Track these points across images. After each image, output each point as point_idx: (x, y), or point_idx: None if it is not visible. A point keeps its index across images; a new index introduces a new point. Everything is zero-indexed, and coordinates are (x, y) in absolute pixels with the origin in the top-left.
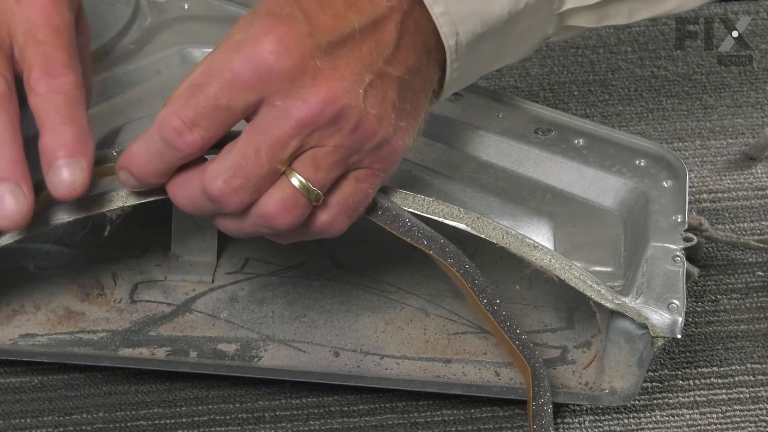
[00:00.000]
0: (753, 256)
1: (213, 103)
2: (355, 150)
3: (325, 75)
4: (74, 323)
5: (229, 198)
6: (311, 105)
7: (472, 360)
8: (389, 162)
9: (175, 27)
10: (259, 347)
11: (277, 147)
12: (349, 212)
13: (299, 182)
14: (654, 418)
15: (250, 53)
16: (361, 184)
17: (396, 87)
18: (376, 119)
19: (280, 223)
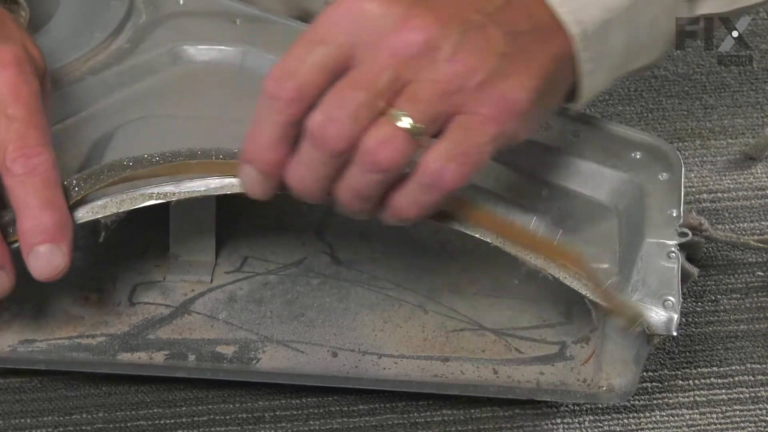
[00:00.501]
0: (753, 256)
1: (307, 49)
2: (454, 87)
3: (417, 11)
4: (73, 327)
5: (329, 130)
6: (401, 33)
7: (470, 358)
8: (499, 110)
9: (170, 24)
10: (257, 349)
11: (371, 76)
12: (459, 160)
13: (397, 116)
14: (654, 418)
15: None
16: (469, 131)
17: (501, 38)
18: (475, 55)
19: (382, 157)
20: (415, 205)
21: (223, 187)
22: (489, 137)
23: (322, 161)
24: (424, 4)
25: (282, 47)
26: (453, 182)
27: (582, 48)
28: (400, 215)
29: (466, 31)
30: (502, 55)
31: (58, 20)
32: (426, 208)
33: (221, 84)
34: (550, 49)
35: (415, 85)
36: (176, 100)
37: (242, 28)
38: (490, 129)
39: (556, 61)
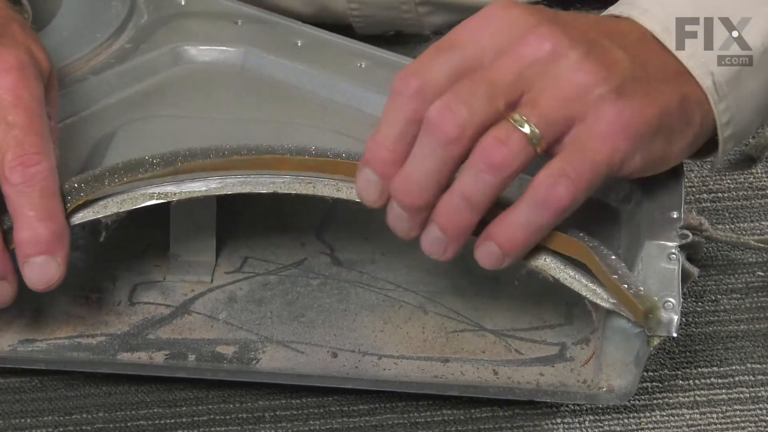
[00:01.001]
0: (753, 256)
1: (436, 53)
2: (575, 95)
3: (548, 23)
4: (73, 327)
5: (445, 116)
6: (529, 39)
7: (470, 359)
8: (615, 128)
9: (171, 24)
10: (257, 349)
11: (493, 74)
12: (572, 176)
13: (517, 120)
14: (654, 418)
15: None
16: (583, 148)
17: (629, 61)
18: (601, 68)
19: (498, 155)
20: (525, 229)
21: (224, 187)
22: (603, 156)
23: (434, 151)
24: (555, 20)
25: (283, 48)
26: (565, 200)
27: (716, 101)
28: (507, 241)
29: (593, 48)
30: (628, 75)
31: (59, 20)
32: (536, 231)
33: (222, 84)
34: (679, 88)
35: (537, 90)
36: (177, 100)
37: (243, 28)
38: (605, 147)
39: (684, 100)
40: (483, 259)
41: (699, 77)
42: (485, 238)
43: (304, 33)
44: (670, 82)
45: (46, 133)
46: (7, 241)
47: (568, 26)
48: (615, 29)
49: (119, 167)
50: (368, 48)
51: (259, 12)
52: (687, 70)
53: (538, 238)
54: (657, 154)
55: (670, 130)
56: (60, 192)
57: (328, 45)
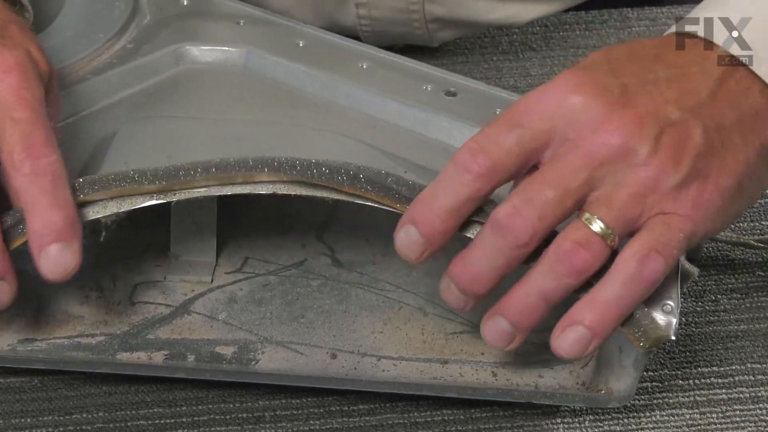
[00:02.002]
0: (753, 256)
1: (504, 129)
2: (649, 190)
3: (617, 109)
4: (73, 327)
5: (514, 220)
6: (600, 134)
7: (469, 360)
8: (693, 211)
9: (174, 25)
10: (256, 350)
11: (564, 175)
12: (661, 249)
13: (592, 221)
14: (654, 418)
15: (546, 88)
16: (666, 225)
17: (701, 136)
18: (671, 158)
19: (577, 259)
20: (616, 306)
21: (224, 187)
22: (685, 234)
23: (502, 251)
24: (624, 100)
25: (285, 48)
26: (656, 272)
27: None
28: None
29: (663, 131)
30: (700, 152)
31: (62, 20)
32: (625, 307)
33: (224, 85)
34: (756, 138)
35: (609, 188)
36: (179, 100)
37: (246, 29)
38: (686, 226)
39: (762, 150)
40: (567, 347)
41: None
42: (571, 323)
43: (306, 34)
44: (747, 136)
45: (50, 128)
46: (6, 241)
47: (638, 103)
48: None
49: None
50: (370, 49)
51: (261, 12)
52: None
53: (624, 316)
54: (739, 211)
55: (750, 185)
56: (70, 183)
57: (330, 46)
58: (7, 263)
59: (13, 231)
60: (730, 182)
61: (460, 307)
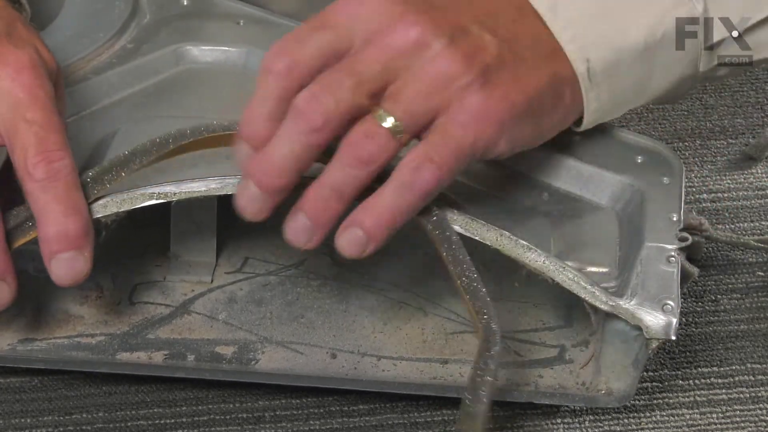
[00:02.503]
0: (753, 256)
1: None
2: (438, 86)
3: (415, 11)
4: (73, 327)
5: (312, 105)
6: (395, 29)
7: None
8: (476, 118)
9: (174, 24)
10: (256, 349)
11: (360, 65)
12: (436, 161)
13: (380, 114)
14: (654, 418)
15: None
16: (447, 135)
17: (496, 46)
18: (463, 58)
19: (364, 150)
20: (389, 210)
21: (224, 187)
22: (466, 143)
23: (297, 136)
24: (425, 8)
25: None
26: (429, 183)
27: (587, 87)
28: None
29: (457, 35)
30: (491, 63)
31: (62, 20)
32: (399, 216)
33: (224, 85)
34: (550, 68)
35: (401, 82)
36: (179, 100)
37: (246, 29)
38: (467, 135)
39: (554, 80)
40: (347, 247)
41: (574, 62)
42: (349, 225)
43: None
44: (541, 63)
45: (64, 131)
46: (8, 242)
47: (438, 12)
48: (491, 9)
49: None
50: None
51: (261, 12)
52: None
53: (402, 222)
54: (525, 136)
55: (538, 111)
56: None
57: None
58: (8, 264)
59: (16, 231)
60: (518, 98)
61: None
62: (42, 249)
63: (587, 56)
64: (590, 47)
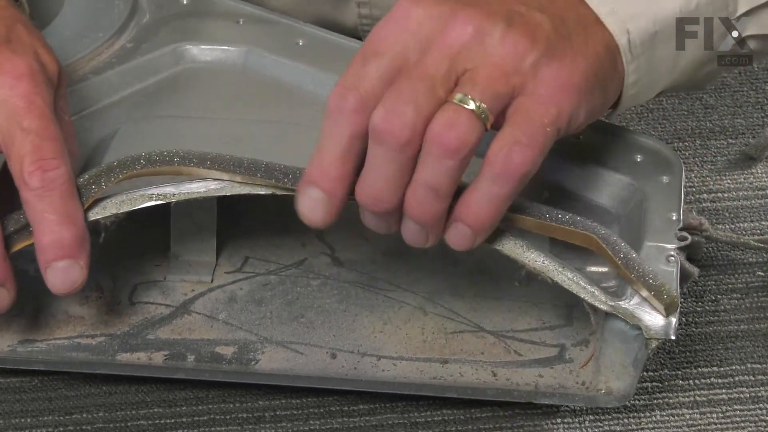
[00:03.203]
0: (753, 256)
1: (363, 62)
2: (510, 68)
3: (462, 8)
4: (73, 327)
5: (392, 121)
6: (451, 27)
7: (469, 360)
8: (556, 89)
9: (173, 24)
10: (256, 350)
11: (427, 69)
12: (524, 142)
13: (460, 99)
14: (654, 418)
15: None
16: (529, 113)
17: (549, 22)
18: (525, 36)
19: (451, 138)
20: (490, 203)
21: (223, 188)
22: (550, 117)
23: (390, 158)
24: (468, 3)
25: (285, 48)
26: (523, 166)
27: (628, 60)
28: (476, 220)
29: (512, 18)
30: (552, 36)
31: (61, 19)
32: (500, 205)
33: (224, 84)
34: (598, 38)
35: (471, 71)
36: (179, 100)
37: (245, 28)
38: (550, 109)
39: (607, 48)
40: (455, 242)
41: (615, 33)
42: (453, 221)
43: (305, 33)
44: (591, 33)
45: (61, 139)
46: (7, 248)
47: (483, 3)
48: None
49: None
50: None
51: (260, 12)
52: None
53: (504, 210)
54: (597, 103)
55: (603, 77)
56: (78, 196)
57: (330, 45)
58: (7, 270)
59: (15, 237)
60: (586, 66)
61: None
62: (38, 258)
63: (627, 27)
64: (629, 19)
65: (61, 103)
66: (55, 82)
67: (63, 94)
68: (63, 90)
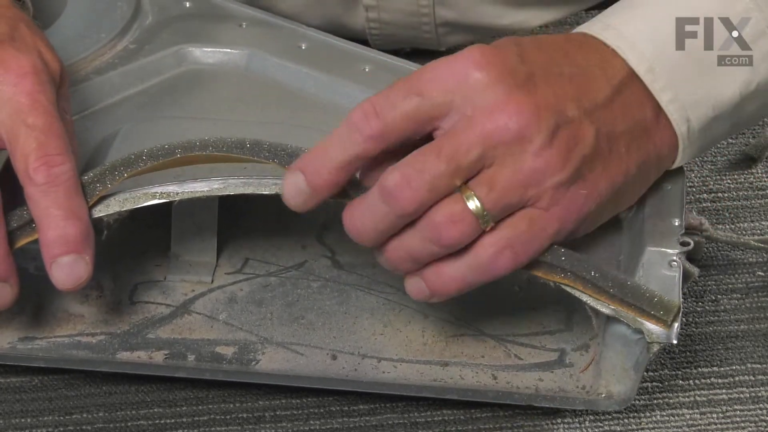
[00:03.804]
0: (753, 256)
1: (403, 95)
2: (533, 182)
3: (519, 95)
4: (73, 326)
5: (403, 191)
6: (498, 116)
7: (469, 363)
8: (567, 212)
9: (176, 26)
10: (256, 350)
11: (459, 150)
12: (517, 249)
13: (471, 199)
14: (654, 418)
15: (452, 60)
16: (533, 224)
17: (593, 139)
18: (561, 155)
19: (446, 235)
20: (458, 282)
21: (227, 187)
22: (550, 233)
23: (387, 216)
24: (527, 88)
25: (287, 51)
26: (504, 270)
27: (684, 146)
28: (439, 288)
29: (559, 127)
30: (588, 155)
31: (64, 20)
32: (467, 287)
33: (226, 86)
34: (640, 152)
35: (495, 169)
36: (181, 101)
37: (248, 31)
38: (554, 225)
39: (646, 164)
40: (410, 291)
41: (675, 123)
42: (419, 276)
43: (308, 36)
44: (632, 149)
45: (65, 136)
46: (10, 244)
47: (539, 92)
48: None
49: (117, 164)
50: (372, 53)
51: (263, 15)
52: (660, 119)
53: (466, 291)
54: (603, 218)
55: (622, 197)
56: (82, 192)
57: (333, 48)
58: (11, 266)
59: (18, 233)
60: (608, 190)
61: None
62: (43, 254)
63: (687, 116)
64: (690, 107)
65: (63, 104)
66: (57, 80)
67: (65, 94)
68: (65, 89)
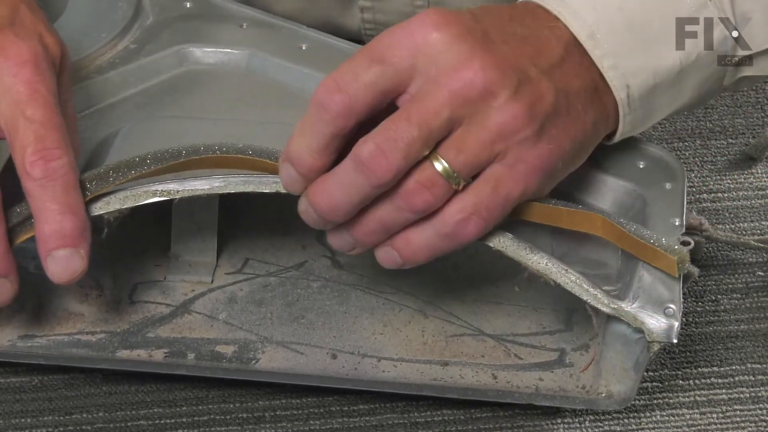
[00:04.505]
0: (753, 256)
1: (365, 65)
2: (500, 137)
3: (482, 52)
4: (73, 324)
5: (379, 161)
6: (464, 74)
7: (469, 363)
8: (533, 170)
9: (176, 26)
10: (256, 349)
11: (428, 113)
12: (483, 214)
13: (440, 163)
14: (654, 418)
15: (409, 24)
16: (498, 186)
17: (552, 97)
18: (526, 110)
19: (419, 200)
20: (427, 250)
21: (228, 186)
22: (516, 194)
23: (362, 188)
24: (486, 45)
25: (288, 51)
26: (472, 235)
27: (625, 113)
28: (410, 256)
29: (521, 83)
30: (550, 112)
31: (65, 19)
32: (437, 253)
33: (226, 86)
34: (595, 110)
35: (463, 129)
36: (181, 101)
37: (248, 31)
38: (519, 186)
39: (598, 123)
40: (383, 261)
41: (615, 89)
42: (390, 246)
43: (308, 37)
44: (588, 107)
45: (64, 129)
46: (10, 240)
47: (500, 51)
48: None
49: (122, 164)
50: None
51: (264, 15)
52: (605, 83)
53: (437, 256)
54: (565, 174)
55: (581, 152)
56: (80, 187)
57: (333, 49)
58: (10, 263)
59: (18, 229)
60: (569, 147)
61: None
62: (38, 247)
63: (627, 83)
64: (630, 75)
65: (65, 96)
66: (58, 65)
67: (66, 82)
68: (66, 76)
